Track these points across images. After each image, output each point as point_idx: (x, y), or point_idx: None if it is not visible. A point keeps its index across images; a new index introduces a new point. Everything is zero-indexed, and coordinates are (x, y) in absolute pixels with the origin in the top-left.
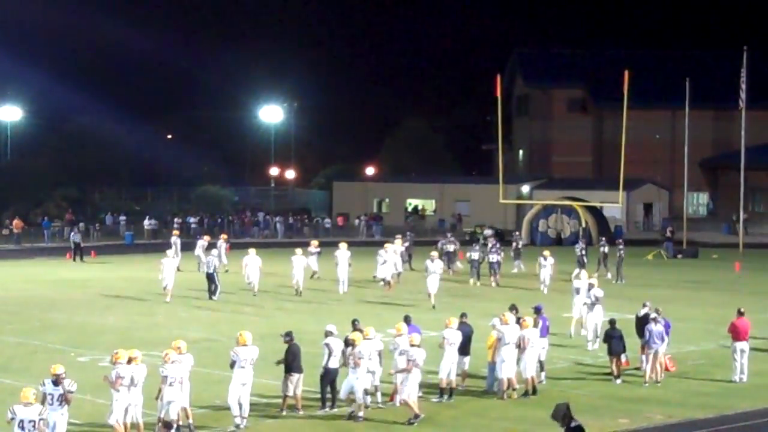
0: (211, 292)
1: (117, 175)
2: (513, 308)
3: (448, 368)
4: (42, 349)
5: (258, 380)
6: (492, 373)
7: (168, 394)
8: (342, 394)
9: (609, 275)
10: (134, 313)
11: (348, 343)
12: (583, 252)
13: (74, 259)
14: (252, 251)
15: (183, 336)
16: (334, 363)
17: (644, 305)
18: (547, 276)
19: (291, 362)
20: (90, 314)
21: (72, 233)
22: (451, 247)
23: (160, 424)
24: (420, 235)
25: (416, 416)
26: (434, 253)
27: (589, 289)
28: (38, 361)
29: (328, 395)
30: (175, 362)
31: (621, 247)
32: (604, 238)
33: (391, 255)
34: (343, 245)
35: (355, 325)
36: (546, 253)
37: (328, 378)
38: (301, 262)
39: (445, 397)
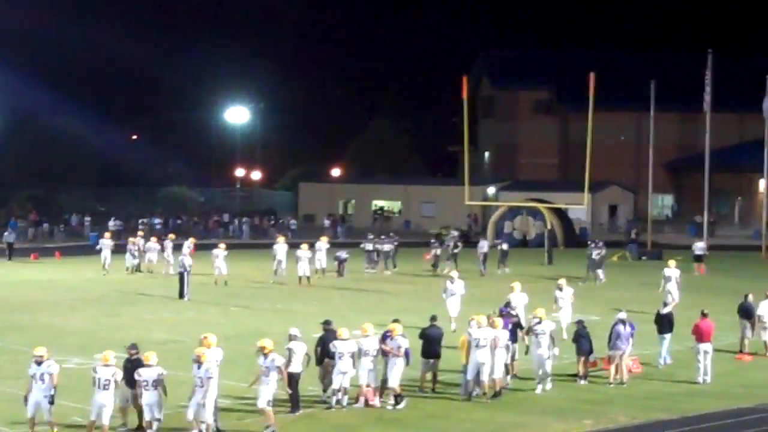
0: (182, 293)
1: (82, 176)
2: (508, 305)
3: (401, 375)
4: (5, 350)
5: (222, 381)
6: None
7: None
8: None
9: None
10: (99, 315)
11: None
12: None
13: (9, 259)
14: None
15: (147, 338)
16: (297, 367)
17: (665, 304)
18: (568, 314)
19: (129, 377)
20: (54, 315)
21: (6, 233)
22: (386, 247)
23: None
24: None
25: (268, 426)
26: (455, 273)
27: (538, 323)
28: (1, 363)
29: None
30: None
31: (593, 248)
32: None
33: (306, 253)
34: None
35: (325, 326)
36: (562, 282)
37: (293, 382)
38: (222, 254)
39: (401, 403)
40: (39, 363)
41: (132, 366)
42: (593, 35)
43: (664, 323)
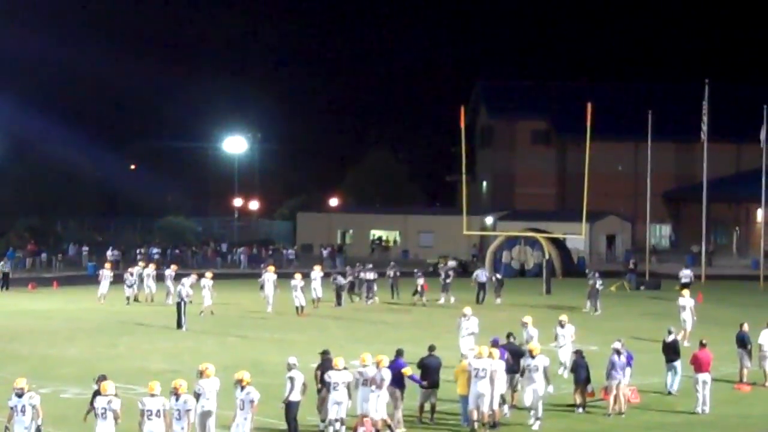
0: (180, 323)
1: (80, 205)
2: (510, 335)
3: (384, 406)
4: (2, 380)
5: (220, 412)
6: (465, 407)
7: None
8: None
9: (588, 307)
10: (96, 345)
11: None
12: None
13: (6, 289)
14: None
15: (145, 368)
16: (297, 396)
17: (669, 332)
18: (568, 352)
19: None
20: (52, 345)
21: (2, 263)
22: (370, 275)
23: None
24: (383, 267)
25: None
26: (468, 309)
27: (531, 357)
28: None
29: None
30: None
31: (597, 278)
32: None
33: (300, 282)
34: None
35: (324, 356)
36: (564, 318)
37: (293, 411)
38: (209, 284)
39: None
40: (20, 395)
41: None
42: (590, 66)
43: (670, 351)
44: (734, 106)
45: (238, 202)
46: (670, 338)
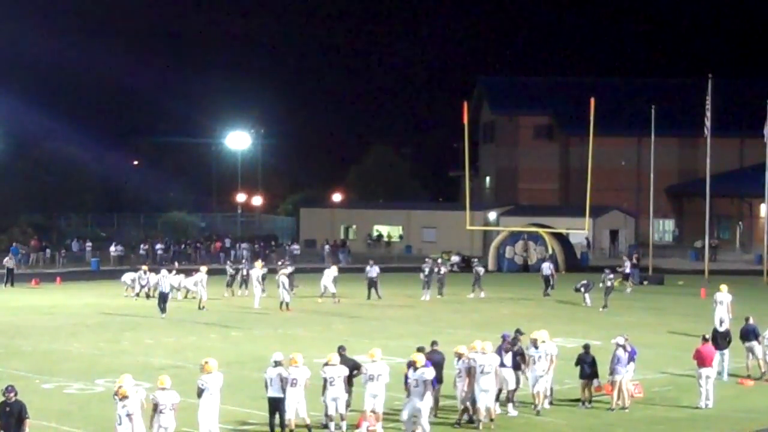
0: (162, 309)
1: (83, 201)
2: (518, 332)
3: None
4: (6, 376)
5: (223, 407)
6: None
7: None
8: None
9: (589, 302)
10: (100, 340)
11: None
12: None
13: (5, 285)
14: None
15: (148, 363)
16: (274, 392)
17: (721, 322)
18: (548, 379)
19: (6, 422)
20: (55, 341)
21: (6, 259)
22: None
23: None
24: (386, 262)
25: None
26: (545, 333)
27: (414, 369)
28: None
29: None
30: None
31: (608, 274)
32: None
33: (285, 279)
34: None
35: (340, 352)
36: (543, 334)
37: (273, 408)
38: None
39: None
40: None
41: (10, 410)
42: (593, 61)
43: (721, 340)
44: (737, 101)
45: (241, 197)
46: (723, 327)
